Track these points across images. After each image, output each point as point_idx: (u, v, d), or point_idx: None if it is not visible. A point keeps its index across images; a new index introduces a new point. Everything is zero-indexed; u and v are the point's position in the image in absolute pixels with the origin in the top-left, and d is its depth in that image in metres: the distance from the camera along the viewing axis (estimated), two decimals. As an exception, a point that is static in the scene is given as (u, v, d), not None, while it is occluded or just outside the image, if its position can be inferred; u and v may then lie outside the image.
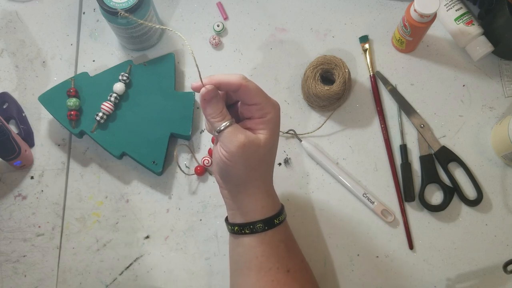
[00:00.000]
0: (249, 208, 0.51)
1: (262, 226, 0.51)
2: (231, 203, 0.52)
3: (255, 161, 0.49)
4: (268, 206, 0.52)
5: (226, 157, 0.48)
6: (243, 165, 0.48)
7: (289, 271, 0.51)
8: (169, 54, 0.72)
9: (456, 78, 0.73)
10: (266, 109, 0.49)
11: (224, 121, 0.48)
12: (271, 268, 0.51)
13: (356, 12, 0.76)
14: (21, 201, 0.69)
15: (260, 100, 0.48)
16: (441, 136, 0.70)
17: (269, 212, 0.52)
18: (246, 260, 0.52)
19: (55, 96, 0.68)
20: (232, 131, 0.47)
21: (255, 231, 0.51)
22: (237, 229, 0.52)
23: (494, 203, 0.68)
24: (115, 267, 0.66)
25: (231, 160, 0.48)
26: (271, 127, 0.49)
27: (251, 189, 0.51)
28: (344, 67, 0.68)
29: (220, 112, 0.48)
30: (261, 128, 0.49)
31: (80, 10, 0.77)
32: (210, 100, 0.48)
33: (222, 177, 0.51)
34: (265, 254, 0.51)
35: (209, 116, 0.48)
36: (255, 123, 0.49)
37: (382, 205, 0.67)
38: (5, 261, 0.66)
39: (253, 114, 0.49)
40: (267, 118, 0.49)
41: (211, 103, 0.48)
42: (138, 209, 0.68)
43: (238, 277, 0.53)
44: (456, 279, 0.65)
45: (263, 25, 0.76)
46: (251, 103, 0.49)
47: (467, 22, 0.72)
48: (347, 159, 0.70)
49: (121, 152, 0.67)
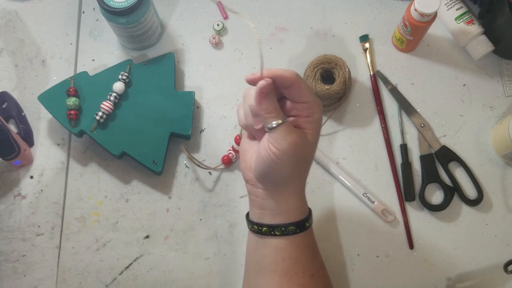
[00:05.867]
0: (284, 209, 0.49)
1: (294, 228, 0.49)
2: (264, 203, 0.50)
3: (302, 161, 0.48)
4: (301, 208, 0.50)
5: (276, 155, 0.46)
6: (292, 164, 0.47)
7: (313, 276, 0.50)
8: (169, 54, 0.72)
9: (456, 77, 0.73)
10: (313, 108, 0.47)
11: (278, 118, 0.46)
12: (297, 272, 0.49)
13: (357, 11, 0.76)
14: (21, 201, 0.68)
15: (310, 99, 0.47)
16: (441, 135, 0.70)
17: (301, 214, 0.50)
18: (272, 262, 0.50)
19: (55, 96, 0.68)
20: (286, 129, 0.46)
21: (286, 234, 0.49)
22: (265, 230, 0.49)
23: (495, 203, 0.68)
24: (115, 267, 0.66)
25: (281, 159, 0.46)
26: (316, 127, 0.48)
27: (290, 189, 0.49)
28: (344, 66, 0.68)
29: (275, 108, 0.46)
30: (307, 127, 0.47)
31: (80, 9, 0.77)
32: (267, 94, 0.45)
33: (263, 175, 0.48)
34: (293, 257, 0.49)
35: (264, 111, 0.45)
36: (302, 121, 0.47)
37: (382, 204, 0.67)
38: (4, 260, 0.66)
39: (300, 112, 0.48)
40: (314, 117, 0.47)
41: (268, 98, 0.45)
42: (138, 208, 0.68)
43: (260, 278, 0.51)
44: (456, 278, 0.65)
45: (263, 24, 0.76)
46: (301, 101, 0.47)
47: (468, 22, 0.72)
48: (347, 158, 0.70)
49: (121, 151, 0.67)
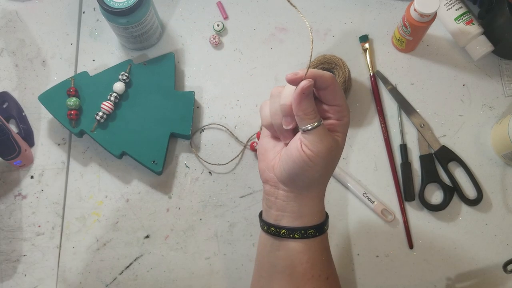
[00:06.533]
0: (305, 212, 0.48)
1: (313, 232, 0.48)
2: (284, 205, 0.49)
3: (332, 164, 0.47)
4: (321, 211, 0.50)
5: (310, 157, 0.45)
6: (323, 167, 0.46)
7: (328, 279, 0.50)
8: (169, 54, 0.72)
9: (456, 77, 0.73)
10: (344, 112, 0.47)
11: (316, 120, 0.45)
12: (313, 276, 0.48)
13: (356, 12, 0.76)
14: (21, 201, 0.69)
15: (342, 102, 0.47)
16: (441, 135, 0.70)
17: (320, 217, 0.49)
18: (288, 266, 0.49)
19: (55, 96, 0.68)
20: (323, 132, 0.45)
21: (305, 237, 0.48)
22: (284, 233, 0.48)
23: (494, 203, 0.68)
24: (115, 267, 0.66)
25: (314, 161, 0.45)
26: (345, 131, 0.48)
27: (314, 192, 0.48)
28: (344, 66, 0.68)
29: (314, 110, 0.45)
30: (338, 131, 0.47)
31: (80, 9, 0.77)
32: (308, 94, 0.45)
33: (291, 177, 0.47)
34: (310, 261, 0.48)
35: (303, 111, 0.45)
36: (333, 125, 0.47)
37: (382, 204, 0.67)
38: (5, 260, 0.66)
39: (331, 115, 0.47)
40: (344, 121, 0.47)
41: (308, 98, 0.45)
42: (138, 208, 0.68)
43: (274, 281, 0.50)
44: (456, 278, 0.65)
45: (263, 25, 0.76)
46: (334, 103, 0.47)
47: (467, 22, 0.72)
48: (347, 158, 0.70)
49: (121, 151, 0.67)
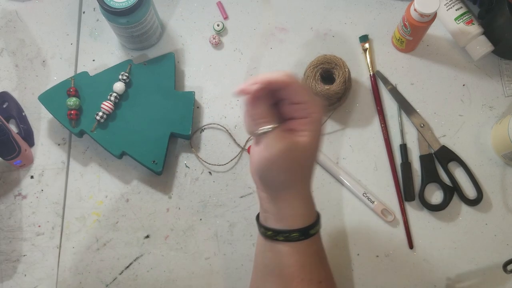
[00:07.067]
0: (285, 214, 0.48)
1: (297, 235, 0.47)
2: (267, 206, 0.49)
3: (297, 166, 0.46)
4: (306, 214, 0.49)
5: (265, 160, 0.45)
6: (284, 170, 0.46)
7: (321, 282, 0.49)
8: (169, 54, 0.72)
9: (456, 77, 0.73)
10: (310, 109, 0.45)
11: (268, 124, 0.45)
12: (303, 279, 0.48)
13: (356, 12, 0.76)
14: (21, 201, 0.69)
15: (305, 99, 0.45)
16: (441, 135, 0.70)
17: (306, 221, 0.48)
18: (277, 267, 0.48)
19: (55, 96, 0.68)
20: (275, 135, 0.45)
21: (290, 240, 0.47)
22: (270, 234, 0.48)
23: (494, 203, 0.68)
24: (115, 267, 0.66)
25: (273, 164, 0.45)
26: (315, 129, 0.46)
27: (292, 194, 0.48)
28: (344, 66, 0.68)
29: (267, 113, 0.45)
30: (304, 129, 0.46)
31: (80, 9, 0.77)
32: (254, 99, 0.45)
33: (260, 178, 0.48)
34: (298, 264, 0.48)
35: (251, 117, 0.45)
36: (299, 123, 0.46)
37: (382, 204, 0.67)
38: (5, 260, 0.66)
39: (297, 113, 0.46)
40: (312, 118, 0.46)
41: (257, 104, 0.45)
42: (138, 208, 0.68)
43: (266, 281, 0.50)
44: (456, 278, 0.65)
45: (263, 25, 0.76)
46: (296, 101, 0.46)
47: (467, 22, 0.72)
48: (347, 158, 0.70)
49: (121, 151, 0.67)
